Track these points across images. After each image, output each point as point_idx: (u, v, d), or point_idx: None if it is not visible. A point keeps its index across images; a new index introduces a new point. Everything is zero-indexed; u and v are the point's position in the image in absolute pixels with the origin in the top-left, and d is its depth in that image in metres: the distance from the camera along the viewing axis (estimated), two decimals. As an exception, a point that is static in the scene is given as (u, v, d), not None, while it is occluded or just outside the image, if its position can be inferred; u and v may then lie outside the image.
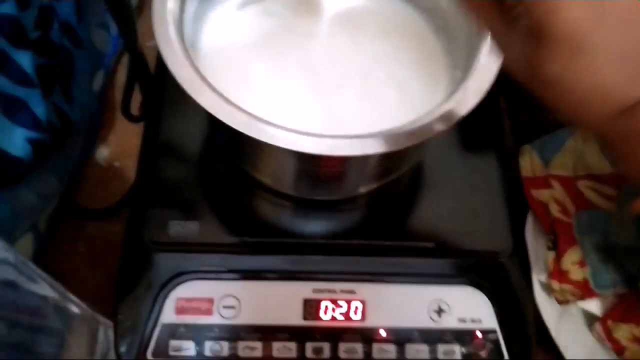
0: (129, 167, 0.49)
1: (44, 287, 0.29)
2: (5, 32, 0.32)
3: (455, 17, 0.40)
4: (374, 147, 0.32)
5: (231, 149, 0.42)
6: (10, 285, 0.25)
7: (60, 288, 0.32)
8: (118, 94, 0.52)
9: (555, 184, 0.45)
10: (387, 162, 0.39)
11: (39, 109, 0.34)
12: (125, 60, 0.54)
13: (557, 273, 0.42)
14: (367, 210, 0.43)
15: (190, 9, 0.37)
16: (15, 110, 0.33)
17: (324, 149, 0.32)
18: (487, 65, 0.34)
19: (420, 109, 0.34)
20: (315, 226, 0.42)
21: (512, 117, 0.50)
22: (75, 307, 0.32)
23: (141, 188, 0.42)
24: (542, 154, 0.46)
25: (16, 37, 0.33)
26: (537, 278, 0.43)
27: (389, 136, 0.32)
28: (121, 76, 0.53)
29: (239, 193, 0.42)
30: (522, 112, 0.50)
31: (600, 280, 0.40)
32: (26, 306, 0.28)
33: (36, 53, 0.35)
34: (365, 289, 0.39)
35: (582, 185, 0.44)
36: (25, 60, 0.34)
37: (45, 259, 0.44)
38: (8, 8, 0.32)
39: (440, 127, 0.32)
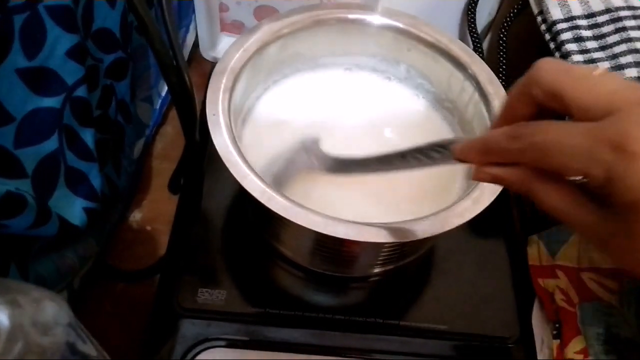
0: (160, 231, 0.52)
1: (90, 348, 0.31)
2: (77, 113, 0.36)
3: (471, 115, 0.45)
4: (397, 237, 0.35)
5: (260, 225, 0.45)
6: (71, 347, 0.27)
7: (99, 348, 0.34)
8: (154, 162, 0.56)
9: (560, 274, 0.48)
10: (404, 248, 0.42)
11: (96, 181, 0.38)
12: (162, 130, 0.59)
13: (562, 361, 0.44)
14: (383, 290, 0.45)
15: (240, 88, 0.42)
16: (78, 183, 0.36)
17: (353, 235, 0.35)
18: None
19: (437, 203, 0.38)
20: (333, 301, 0.45)
21: (519, 207, 0.54)
22: (110, 368, 0.34)
23: (174, 255, 0.45)
24: (548, 244, 0.49)
25: (84, 116, 0.37)
26: (542, 365, 0.44)
27: (411, 227, 0.35)
28: (158, 146, 0.57)
29: (264, 265, 0.45)
30: (527, 202, 0.54)
31: (603, 371, 0.42)
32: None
33: (97, 130, 0.39)
34: (380, 366, 0.41)
35: (586, 277, 0.47)
36: (88, 137, 0.38)
37: (75, 316, 0.46)
38: (81, 91, 0.37)
39: (457, 221, 0.36)
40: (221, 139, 0.37)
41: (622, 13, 0.44)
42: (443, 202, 0.37)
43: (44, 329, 0.26)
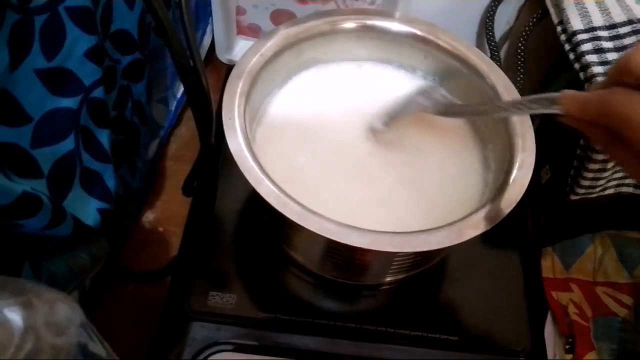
0: (172, 232, 0.52)
1: (101, 349, 0.31)
2: (93, 113, 0.36)
3: (487, 124, 0.44)
4: (411, 246, 0.35)
5: (273, 229, 0.45)
6: (82, 348, 0.27)
7: (110, 349, 0.34)
8: (168, 163, 0.57)
9: (574, 287, 0.47)
10: (417, 257, 0.41)
11: (111, 182, 0.38)
12: (177, 131, 0.59)
13: (574, 376, 0.43)
14: (395, 299, 0.45)
15: (256, 92, 0.42)
16: (93, 184, 0.37)
17: (366, 243, 0.34)
18: (519, 179, 0.37)
19: (453, 213, 0.38)
20: (344, 309, 0.44)
21: (534, 218, 0.53)
22: (119, 369, 0.34)
23: (186, 257, 0.45)
24: (563, 257, 0.48)
25: (100, 117, 0.37)
26: (555, 379, 0.44)
27: (425, 238, 0.35)
28: (172, 147, 0.58)
29: (276, 270, 0.45)
30: (543, 214, 0.53)
31: (617, 387, 0.42)
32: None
33: (112, 131, 0.39)
34: (390, 376, 0.41)
35: (601, 291, 0.46)
36: (104, 138, 0.38)
37: (86, 316, 0.46)
38: (98, 92, 0.37)
39: (473, 232, 0.35)
40: (236, 143, 0.37)
41: (645, 25, 0.43)
42: (458, 212, 0.37)
43: (56, 330, 0.26)
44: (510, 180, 0.38)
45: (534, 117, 0.42)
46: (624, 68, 0.26)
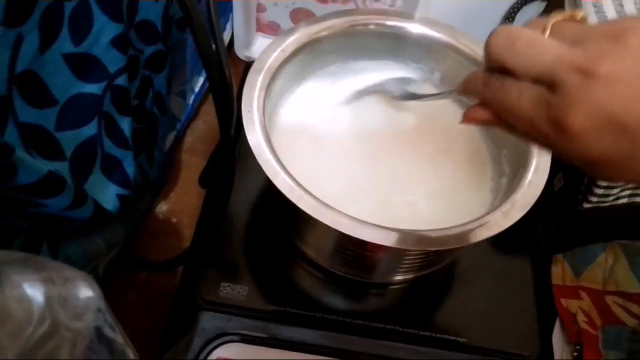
0: (184, 223, 0.53)
1: (117, 334, 0.32)
2: (116, 101, 0.37)
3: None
4: (423, 244, 0.35)
5: (286, 223, 0.45)
6: (98, 331, 0.28)
7: (124, 334, 0.34)
8: (183, 156, 0.57)
9: (584, 295, 0.47)
10: (428, 257, 0.42)
11: (130, 168, 0.38)
12: (193, 125, 0.60)
13: (581, 384, 0.43)
14: (404, 298, 0.45)
15: (276, 87, 0.43)
16: (112, 170, 0.37)
17: (379, 239, 0.35)
18: (534, 182, 0.38)
19: (466, 214, 0.38)
20: (353, 306, 0.45)
21: (545, 224, 0.53)
22: (132, 354, 0.35)
23: (199, 248, 0.45)
24: (573, 265, 0.48)
25: (123, 105, 0.38)
26: (561, 386, 0.44)
27: (437, 236, 0.35)
28: (188, 140, 0.58)
29: (287, 264, 0.45)
30: (555, 222, 0.53)
31: (624, 397, 0.42)
32: (98, 349, 0.30)
33: (133, 119, 0.40)
34: (396, 374, 0.41)
35: (610, 300, 0.46)
36: (126, 125, 0.38)
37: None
38: (122, 80, 0.37)
39: (486, 234, 0.35)
40: (254, 136, 0.38)
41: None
42: (471, 215, 0.37)
43: (74, 312, 0.26)
44: (526, 183, 0.38)
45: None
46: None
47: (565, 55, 0.23)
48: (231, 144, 0.36)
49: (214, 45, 0.32)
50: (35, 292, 0.25)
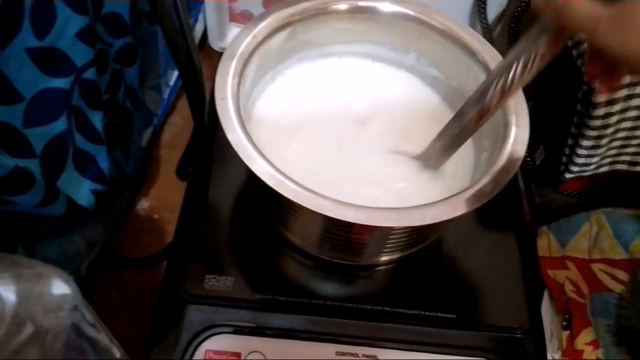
0: (167, 219, 0.52)
1: (99, 333, 0.31)
2: (86, 95, 0.36)
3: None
4: (406, 221, 0.35)
5: (268, 212, 0.45)
6: (76, 329, 0.27)
7: (108, 333, 0.34)
8: (162, 151, 0.56)
9: (570, 265, 0.47)
10: (413, 234, 0.41)
11: (104, 164, 0.38)
12: (170, 119, 0.59)
13: (571, 352, 0.43)
14: (392, 278, 0.45)
15: (249, 74, 0.42)
16: (85, 165, 0.36)
17: (362, 219, 0.34)
18: (514, 153, 0.38)
19: (448, 189, 0.38)
20: (341, 289, 0.44)
21: (529, 198, 0.53)
22: (117, 352, 0.34)
23: (181, 242, 0.45)
24: (558, 236, 0.48)
25: (93, 99, 0.37)
26: (552, 355, 0.44)
27: (420, 212, 0.35)
28: (166, 135, 0.57)
29: (272, 252, 0.45)
30: (537, 194, 0.53)
31: (614, 362, 0.42)
32: (80, 348, 0.30)
33: (105, 113, 0.39)
34: (387, 355, 0.41)
35: (597, 268, 0.47)
36: (97, 120, 0.38)
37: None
38: (90, 74, 0.36)
39: (468, 207, 0.35)
40: (230, 124, 0.37)
41: None
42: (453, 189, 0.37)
43: (50, 309, 0.26)
44: (505, 155, 0.38)
45: (527, 96, 0.42)
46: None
47: None
48: (205, 131, 0.35)
49: (180, 30, 0.32)
50: (6, 290, 0.24)
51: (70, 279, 0.28)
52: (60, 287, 0.27)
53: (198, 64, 0.33)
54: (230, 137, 0.36)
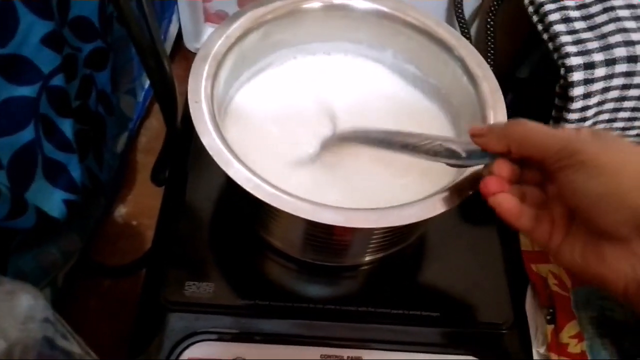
0: (145, 225, 0.51)
1: (72, 344, 0.30)
2: (54, 102, 0.35)
3: (459, 99, 0.44)
4: (386, 222, 0.34)
5: (248, 216, 0.44)
6: (49, 341, 0.26)
7: (84, 345, 0.33)
8: (139, 156, 0.55)
9: (552, 258, 0.47)
10: (394, 234, 0.41)
11: (76, 172, 0.37)
12: (147, 123, 0.58)
13: (556, 346, 0.43)
14: (375, 279, 0.45)
15: (224, 75, 0.41)
16: (56, 174, 0.35)
17: (341, 221, 0.34)
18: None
19: (427, 187, 0.37)
20: (324, 291, 0.44)
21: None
22: (95, 364, 0.33)
23: (160, 248, 0.44)
24: (540, 229, 0.48)
25: (62, 106, 0.36)
26: (537, 350, 0.44)
27: (400, 212, 0.35)
28: (142, 139, 0.56)
29: (253, 257, 0.44)
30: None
31: (598, 354, 0.42)
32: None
33: (76, 120, 0.38)
34: (372, 356, 0.40)
35: (579, 261, 0.47)
36: (67, 127, 0.36)
37: (60, 313, 0.45)
38: (58, 80, 0.35)
39: (446, 205, 0.35)
40: (204, 127, 0.36)
41: (610, -8, 0.43)
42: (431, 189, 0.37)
43: (17, 323, 0.25)
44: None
45: (505, 91, 0.42)
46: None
47: None
48: (178, 136, 0.34)
49: (148, 33, 0.31)
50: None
51: (38, 294, 0.27)
52: (28, 301, 0.26)
53: (168, 68, 0.33)
54: (205, 141, 0.36)
